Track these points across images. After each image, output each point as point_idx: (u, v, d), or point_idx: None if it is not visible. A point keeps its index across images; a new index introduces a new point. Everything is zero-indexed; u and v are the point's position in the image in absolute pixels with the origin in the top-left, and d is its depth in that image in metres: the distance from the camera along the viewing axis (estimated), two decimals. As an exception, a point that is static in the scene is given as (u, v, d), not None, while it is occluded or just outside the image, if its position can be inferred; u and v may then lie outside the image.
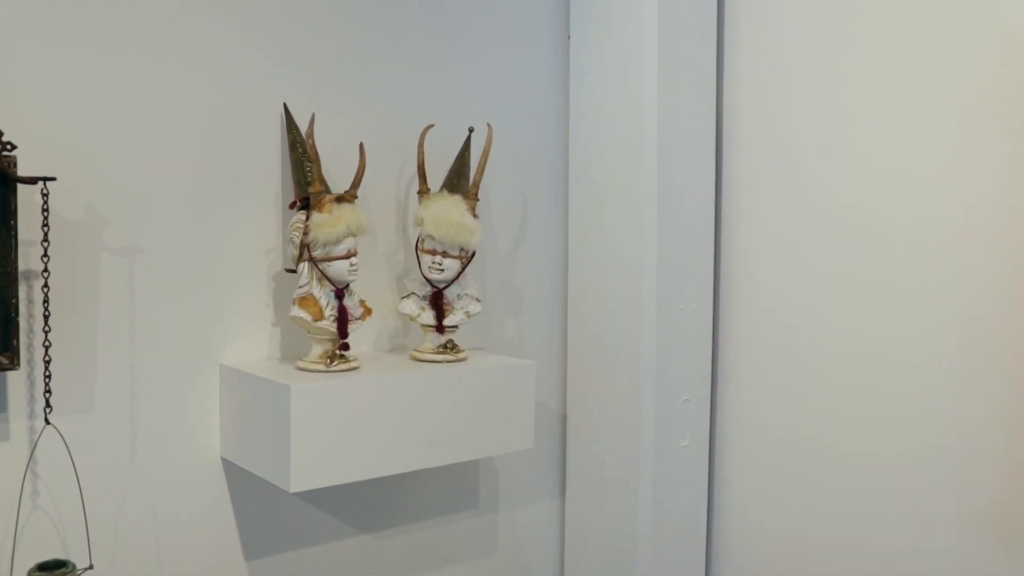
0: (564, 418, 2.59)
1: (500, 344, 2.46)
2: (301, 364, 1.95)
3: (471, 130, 2.21)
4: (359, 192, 1.98)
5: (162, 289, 1.93)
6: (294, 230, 1.92)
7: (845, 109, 2.18)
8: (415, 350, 2.13)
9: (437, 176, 2.19)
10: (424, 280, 2.11)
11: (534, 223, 2.52)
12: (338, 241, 1.90)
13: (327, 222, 1.89)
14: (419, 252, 2.11)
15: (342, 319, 1.92)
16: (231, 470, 2.02)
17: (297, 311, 1.90)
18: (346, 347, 1.93)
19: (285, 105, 2.04)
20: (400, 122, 2.22)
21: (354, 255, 1.94)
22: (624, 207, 2.36)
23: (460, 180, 2.15)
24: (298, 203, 1.94)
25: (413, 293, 2.11)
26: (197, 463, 2.00)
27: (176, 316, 1.95)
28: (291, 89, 2.06)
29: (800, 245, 2.28)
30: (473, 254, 2.12)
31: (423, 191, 2.11)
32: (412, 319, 2.11)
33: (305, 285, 1.91)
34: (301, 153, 1.93)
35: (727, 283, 2.45)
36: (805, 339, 2.27)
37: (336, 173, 2.08)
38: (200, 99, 1.95)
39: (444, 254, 2.07)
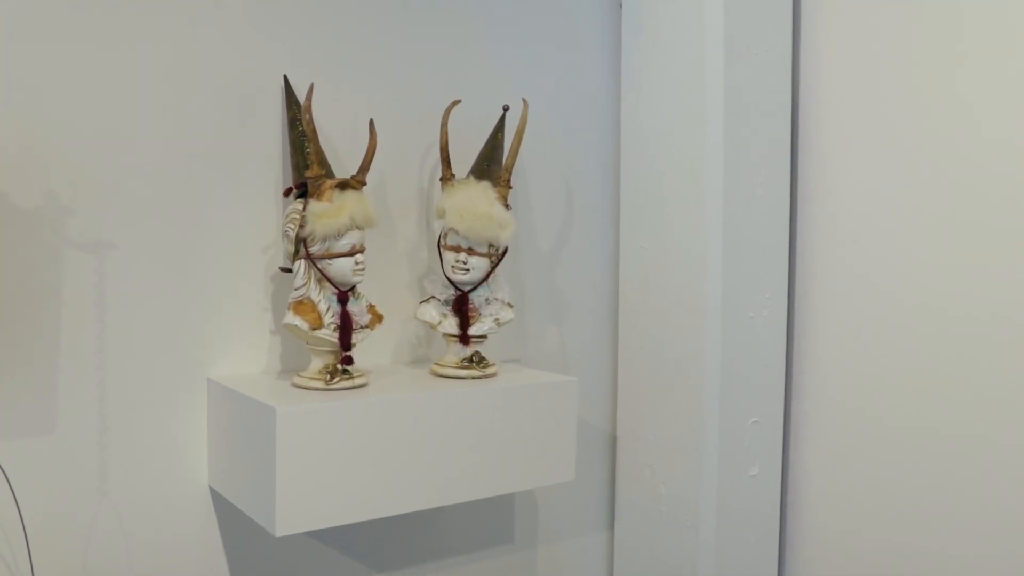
0: (613, 441, 2.23)
1: (539, 356, 2.11)
2: (298, 380, 1.61)
3: (506, 108, 1.86)
4: (370, 178, 1.65)
5: (139, 291, 1.62)
6: (289, 222, 1.59)
7: (943, 82, 1.78)
8: (436, 363, 1.78)
9: (466, 162, 1.84)
10: (447, 282, 1.76)
11: (579, 215, 2.15)
12: (340, 235, 1.56)
13: (327, 212, 1.55)
14: (441, 249, 1.76)
15: (345, 327, 1.58)
16: (221, 503, 1.70)
17: (292, 318, 1.57)
18: (349, 360, 1.60)
19: (285, 77, 1.71)
20: (424, 98, 1.88)
21: (360, 252, 1.60)
22: (685, 197, 1.99)
23: (491, 165, 1.80)
24: (295, 190, 1.60)
25: (433, 297, 1.76)
26: (180, 493, 1.68)
27: (156, 323, 1.64)
28: (293, 58, 1.74)
29: (892, 241, 1.88)
30: (505, 251, 1.77)
31: (446, 178, 1.76)
32: (432, 327, 1.76)
33: (302, 287, 1.58)
34: (300, 132, 1.60)
35: (804, 286, 2.07)
36: (897, 352, 1.88)
37: (347, 158, 1.75)
38: (186, 68, 1.64)
39: (470, 251, 1.72)
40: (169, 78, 1.62)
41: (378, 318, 1.66)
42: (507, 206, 1.77)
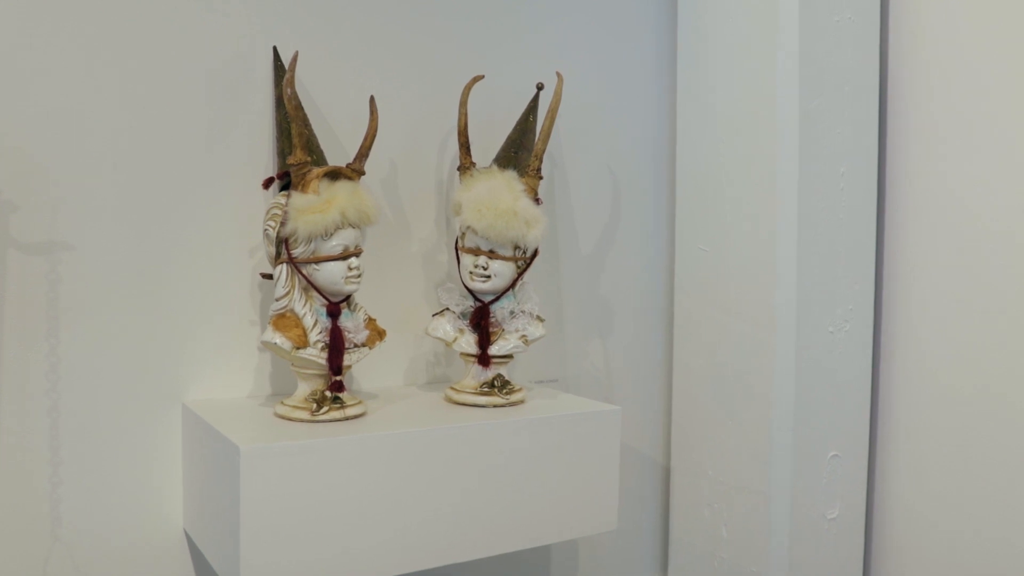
0: (667, 475, 1.90)
1: (580, 377, 1.79)
2: (280, 410, 1.32)
3: (539, 87, 1.55)
4: (379, 168, 1.37)
5: (99, 301, 1.35)
6: (270, 218, 1.30)
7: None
8: (452, 388, 1.47)
9: (493, 151, 1.53)
10: (465, 290, 1.45)
11: (627, 212, 1.83)
12: (328, 234, 1.27)
13: (311, 207, 1.25)
14: (459, 251, 1.45)
15: (335, 346, 1.28)
16: (198, 549, 1.41)
17: (271, 334, 1.28)
18: (339, 387, 1.29)
19: (275, 49, 1.42)
20: (445, 74, 1.58)
21: (355, 255, 1.30)
22: (752, 190, 1.66)
23: (519, 152, 1.49)
24: (276, 180, 1.31)
25: (448, 309, 1.45)
26: (148, 538, 1.40)
27: (120, 338, 1.37)
28: (285, 26, 1.45)
29: (1001, 243, 1.51)
30: (535, 254, 1.45)
31: (465, 167, 1.45)
32: (447, 345, 1.45)
33: (283, 297, 1.29)
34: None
35: (894, 296, 1.72)
36: (1008, 376, 1.51)
37: (353, 145, 1.45)
38: (155, 39, 1.36)
39: (491, 254, 1.40)
40: (134, 50, 1.34)
41: (378, 334, 1.36)
42: (537, 200, 1.45)
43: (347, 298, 1.33)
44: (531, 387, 1.61)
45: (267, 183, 1.33)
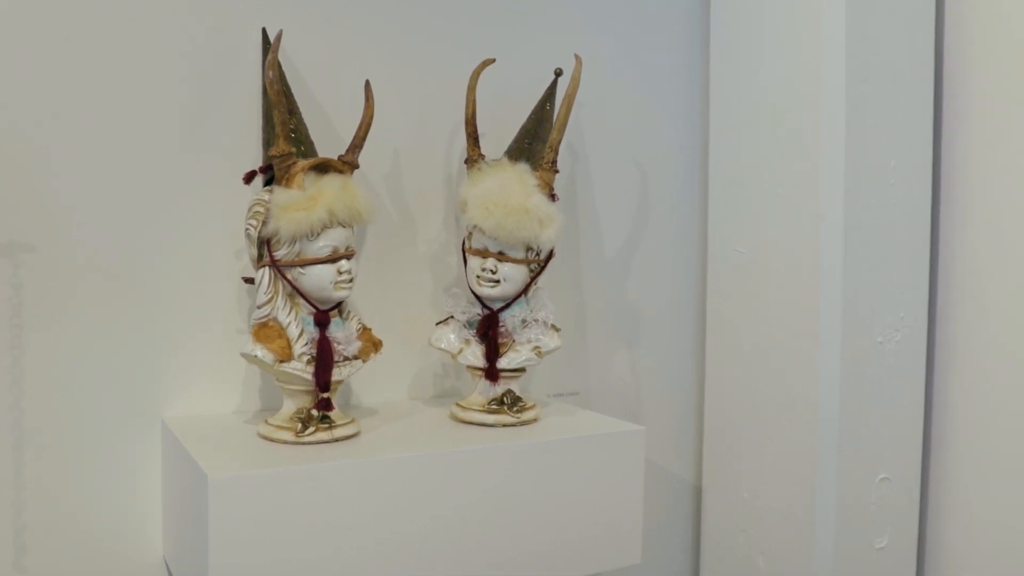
0: (698, 498, 1.72)
1: (604, 391, 1.63)
2: (263, 429, 1.18)
3: (558, 73, 1.39)
4: (382, 161, 1.23)
5: (69, 308, 1.22)
6: (251, 216, 1.15)
7: None
8: (458, 404, 1.32)
9: (505, 142, 1.37)
10: (473, 296, 1.29)
11: (655, 211, 1.66)
12: (314, 234, 1.12)
13: (295, 203, 1.11)
14: (465, 253, 1.30)
15: (322, 359, 1.13)
16: (178, 580, 1.27)
17: (251, 346, 1.13)
18: (327, 405, 1.14)
19: (264, 31, 1.27)
20: (455, 58, 1.42)
21: (347, 257, 1.15)
22: (794, 187, 1.49)
23: (534, 144, 1.33)
24: (259, 174, 1.16)
25: (452, 317, 1.30)
26: (125, 568, 1.26)
27: (93, 348, 1.24)
28: (277, 5, 1.29)
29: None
30: (550, 256, 1.29)
31: (472, 159, 1.30)
32: (453, 357, 1.29)
33: (265, 304, 1.14)
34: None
35: (949, 303, 1.55)
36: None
37: (351, 135, 1.30)
38: (133, 20, 1.22)
39: (500, 256, 1.25)
40: (106, 32, 1.20)
41: (373, 346, 1.21)
42: (552, 196, 1.29)
43: (338, 305, 1.18)
44: (548, 402, 1.45)
45: (248, 177, 1.18)
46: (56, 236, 1.19)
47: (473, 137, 1.30)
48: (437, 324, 1.31)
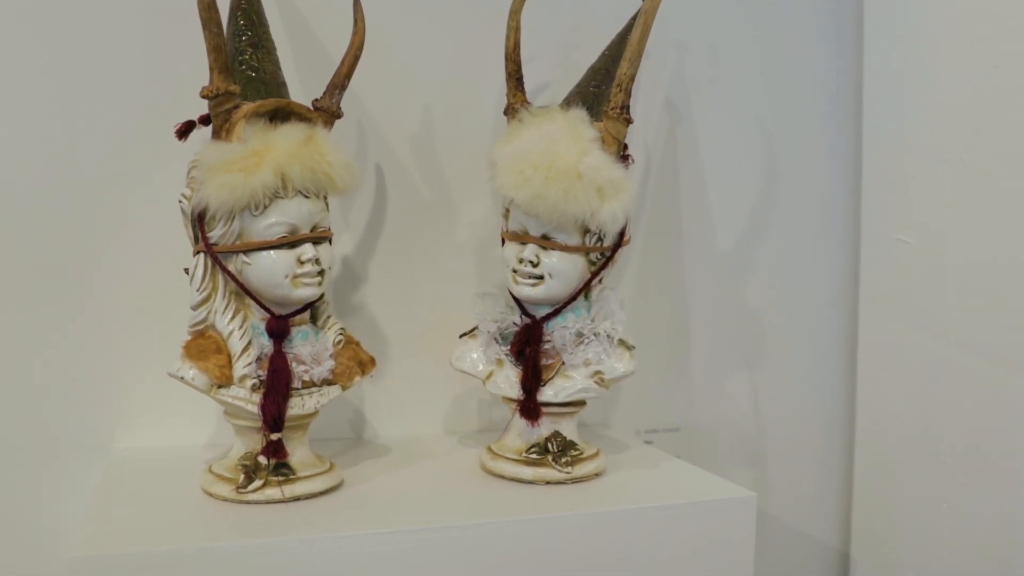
0: (845, 564, 1.25)
1: (712, 428, 1.20)
2: (204, 479, 0.82)
3: (648, -3, 0.96)
4: (410, 120, 0.92)
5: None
6: (188, 182, 0.79)
7: None
8: (490, 448, 0.92)
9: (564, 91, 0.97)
10: (512, 299, 0.90)
11: (789, 187, 1.21)
12: (257, 206, 0.75)
13: (228, 161, 0.75)
14: (504, 240, 0.90)
15: (275, 385, 0.77)
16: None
17: (179, 364, 0.78)
18: (277, 450, 0.77)
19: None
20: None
21: (315, 240, 0.78)
22: (982, 154, 1.00)
23: (603, 87, 0.91)
24: (201, 125, 0.80)
25: (477, 328, 0.90)
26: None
27: (24, 363, 0.93)
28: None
29: None
30: (620, 241, 0.87)
31: (512, 107, 0.89)
32: (483, 382, 0.89)
33: (200, 306, 0.79)
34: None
35: None
36: None
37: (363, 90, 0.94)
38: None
39: (544, 241, 0.84)
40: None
41: (359, 366, 0.83)
42: (624, 156, 0.88)
43: (307, 308, 0.81)
44: (628, 445, 1.03)
45: (183, 130, 0.82)
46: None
47: (514, 78, 0.90)
48: (461, 337, 0.92)
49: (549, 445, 0.87)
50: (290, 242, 0.77)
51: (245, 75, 0.81)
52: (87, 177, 0.92)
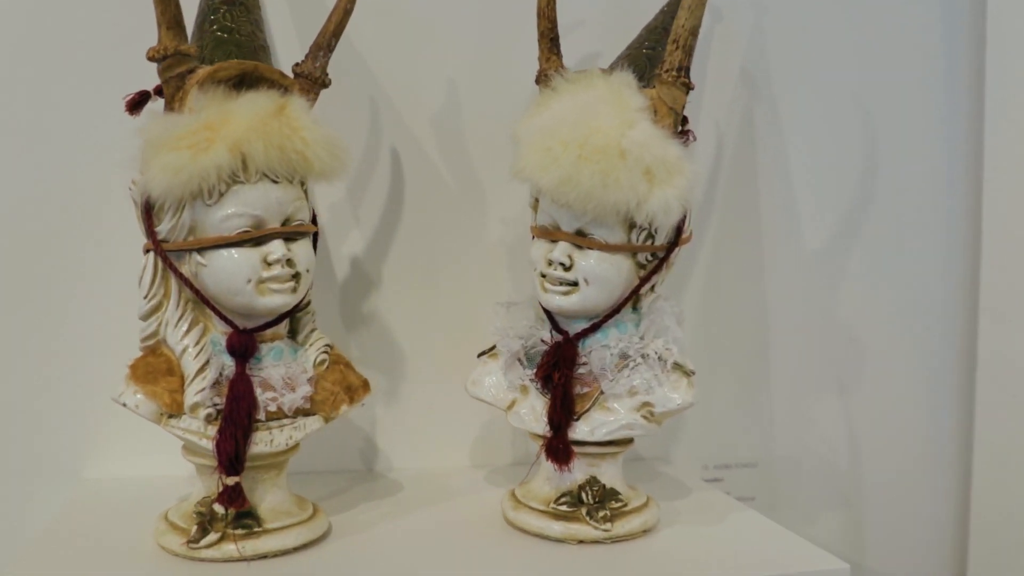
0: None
1: (798, 463, 1.00)
2: (159, 528, 0.66)
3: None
4: (433, 95, 0.83)
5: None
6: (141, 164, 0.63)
7: None
8: (514, 494, 0.73)
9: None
10: (542, 311, 0.71)
11: (890, 175, 0.99)
12: (210, 193, 0.59)
13: (173, 137, 0.59)
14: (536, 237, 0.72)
15: (233, 416, 0.60)
16: None
17: (124, 388, 0.62)
18: (234, 498, 0.61)
19: None
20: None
21: (281, 236, 0.61)
22: None
23: (658, 49, 0.72)
24: (152, 96, 0.64)
25: (495, 347, 0.72)
26: None
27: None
28: None
29: None
30: (677, 239, 0.68)
31: (547, 71, 0.71)
32: (505, 412, 0.71)
33: (150, 316, 0.63)
34: None
35: None
36: None
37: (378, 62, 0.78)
38: None
39: (579, 238, 0.66)
40: None
41: (347, 392, 0.67)
42: (683, 131, 0.69)
43: (281, 320, 0.65)
44: (686, 489, 0.84)
45: (135, 101, 0.66)
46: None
47: (548, 38, 0.72)
48: (480, 356, 0.74)
49: (583, 495, 0.68)
50: (254, 238, 0.61)
51: (214, 36, 0.66)
52: (56, 195, 0.78)
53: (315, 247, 0.67)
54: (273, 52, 0.72)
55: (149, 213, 0.62)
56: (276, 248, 0.61)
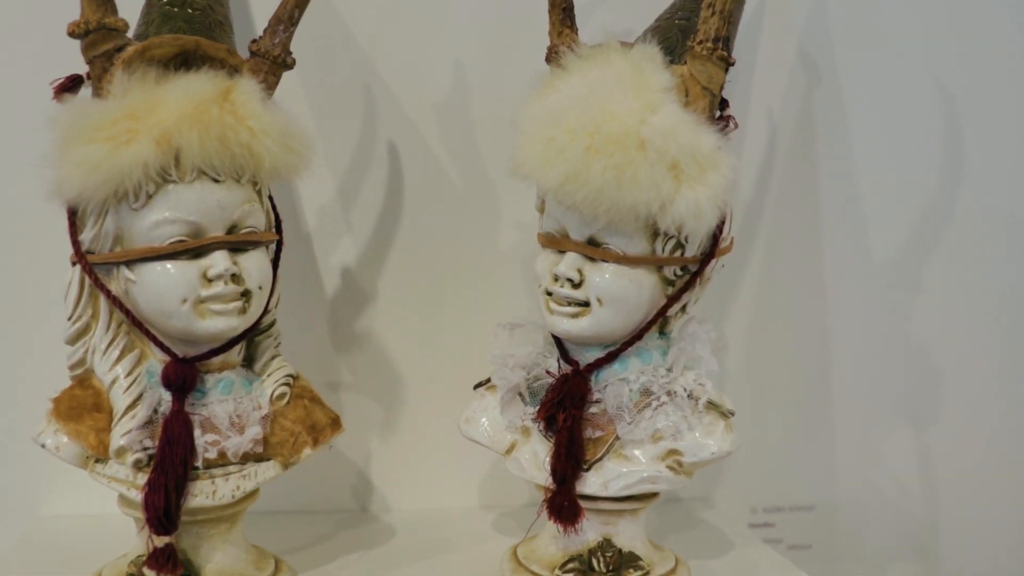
0: None
1: (860, 509, 0.86)
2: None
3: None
4: (431, 82, 0.73)
5: None
6: (70, 164, 0.53)
7: None
8: (515, 554, 0.61)
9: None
10: (550, 336, 0.59)
11: (971, 177, 0.85)
12: (136, 195, 0.48)
13: (89, 126, 0.48)
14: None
15: (166, 463, 0.49)
16: None
17: (44, 426, 0.52)
18: (166, 561, 0.50)
19: None
20: None
21: (229, 247, 0.50)
22: None
23: (693, 20, 0.59)
24: (86, 81, 0.54)
25: (490, 380, 0.60)
26: None
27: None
28: None
29: None
30: (714, 249, 0.55)
31: (558, 47, 0.58)
32: (504, 458, 0.59)
33: (76, 340, 0.52)
34: None
35: None
36: None
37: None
38: None
39: (593, 248, 0.53)
40: None
41: (309, 432, 0.55)
42: (723, 117, 0.56)
43: (232, 347, 0.54)
44: (728, 542, 0.71)
45: (63, 87, 0.56)
46: None
47: (560, 8, 0.60)
48: (476, 388, 0.62)
49: (595, 560, 0.56)
50: (192, 249, 0.50)
51: (162, 9, 0.56)
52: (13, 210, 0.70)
53: (277, 260, 0.56)
54: (240, 30, 0.61)
55: (72, 219, 0.51)
56: (218, 261, 0.50)
